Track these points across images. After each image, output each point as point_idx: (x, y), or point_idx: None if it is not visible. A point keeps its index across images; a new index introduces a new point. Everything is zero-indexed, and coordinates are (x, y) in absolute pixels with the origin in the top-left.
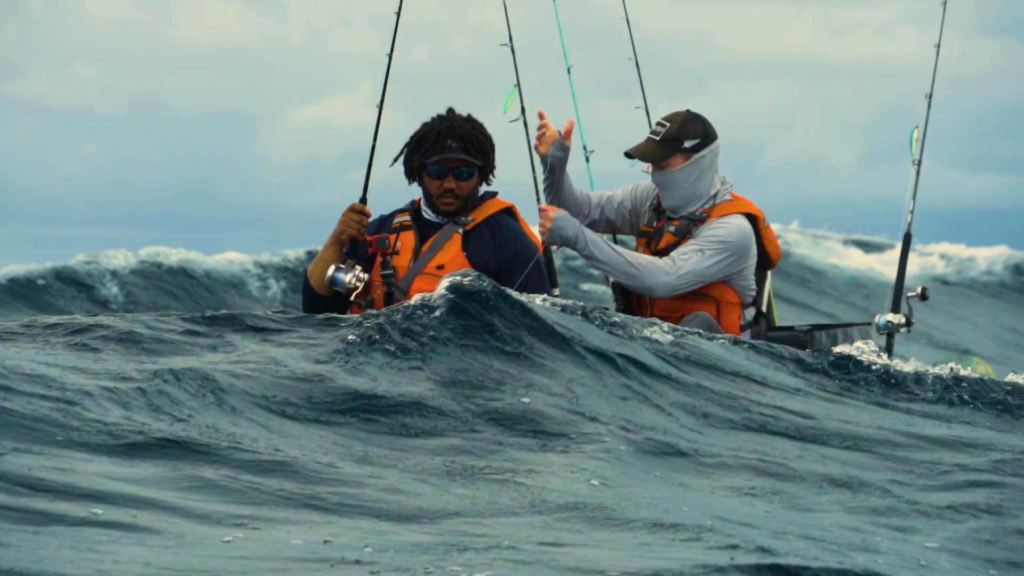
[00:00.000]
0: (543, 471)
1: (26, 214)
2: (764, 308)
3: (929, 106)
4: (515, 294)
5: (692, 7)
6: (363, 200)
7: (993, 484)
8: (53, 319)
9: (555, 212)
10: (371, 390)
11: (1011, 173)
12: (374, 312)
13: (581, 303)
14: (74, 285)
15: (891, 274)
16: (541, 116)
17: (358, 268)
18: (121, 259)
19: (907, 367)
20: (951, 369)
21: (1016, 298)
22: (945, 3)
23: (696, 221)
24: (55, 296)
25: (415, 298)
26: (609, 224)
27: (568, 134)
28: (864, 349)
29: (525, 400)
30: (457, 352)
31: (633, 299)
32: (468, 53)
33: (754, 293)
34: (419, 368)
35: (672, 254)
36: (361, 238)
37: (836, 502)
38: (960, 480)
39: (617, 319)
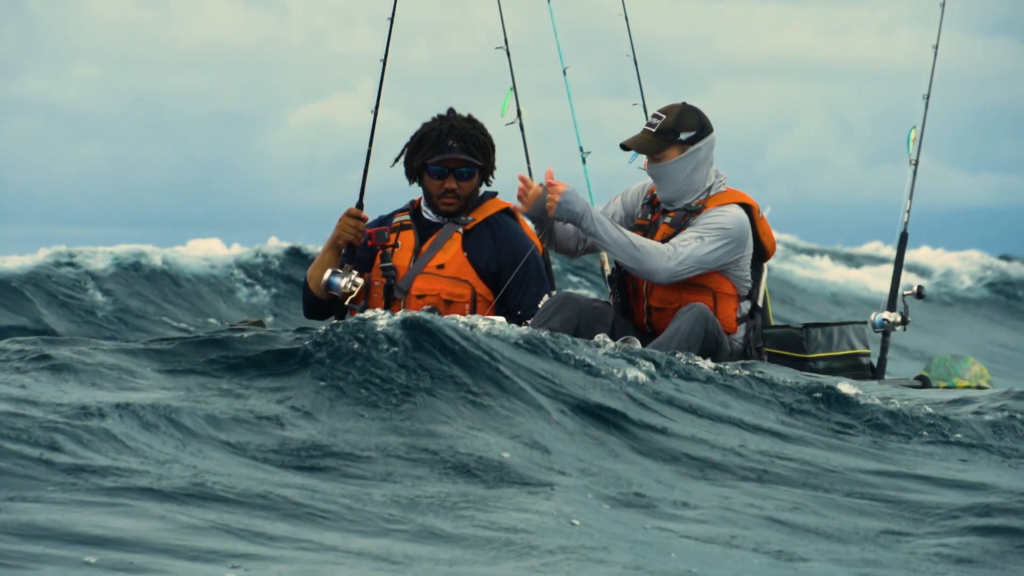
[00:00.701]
0: (526, 519)
1: (26, 214)
2: (760, 303)
3: (927, 106)
4: (486, 330)
5: (692, 7)
6: (359, 204)
7: (988, 531)
8: (18, 344)
9: (564, 187)
10: (348, 438)
11: (1011, 173)
12: (356, 328)
13: (557, 336)
14: (59, 289)
15: (874, 285)
16: (522, 180)
17: (354, 273)
18: (100, 259)
19: (900, 402)
20: (942, 408)
21: (997, 313)
22: (944, 4)
23: (692, 212)
24: (38, 300)
25: (379, 320)
26: None
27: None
28: (853, 382)
29: (505, 455)
30: (431, 399)
31: (630, 292)
32: (468, 53)
33: (750, 285)
34: (398, 417)
35: (672, 241)
36: (358, 243)
37: (825, 552)
38: (956, 527)
39: (591, 358)
